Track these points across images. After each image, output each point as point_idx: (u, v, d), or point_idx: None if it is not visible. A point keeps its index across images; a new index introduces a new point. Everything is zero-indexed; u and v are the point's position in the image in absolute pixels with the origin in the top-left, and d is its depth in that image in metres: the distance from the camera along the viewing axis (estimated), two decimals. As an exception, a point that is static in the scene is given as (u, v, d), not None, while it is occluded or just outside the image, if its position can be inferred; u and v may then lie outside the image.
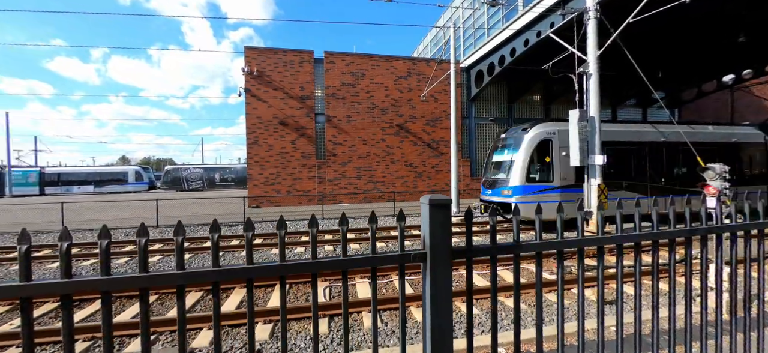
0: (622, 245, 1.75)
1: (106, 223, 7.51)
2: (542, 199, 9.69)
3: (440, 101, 18.17)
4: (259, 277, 1.66)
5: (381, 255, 1.42)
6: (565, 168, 9.90)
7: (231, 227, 11.58)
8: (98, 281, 1.12)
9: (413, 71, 18.11)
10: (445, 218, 1.40)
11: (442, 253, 1.40)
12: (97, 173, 37.22)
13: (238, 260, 7.46)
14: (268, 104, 16.73)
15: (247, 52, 16.55)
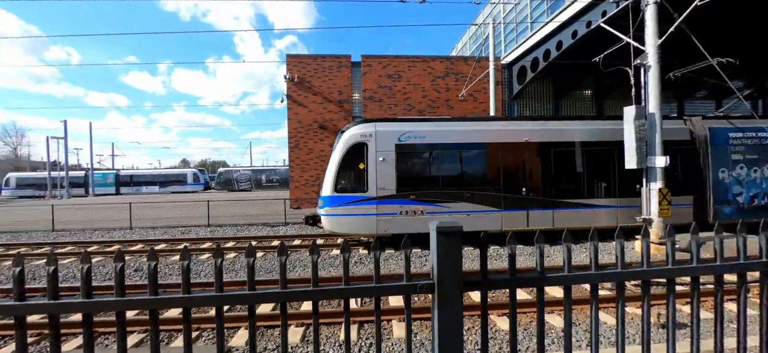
0: (696, 279, 1.49)
1: (168, 220, 8.25)
2: (353, 212, 8.54)
3: (480, 100, 17.53)
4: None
5: (384, 285, 1.34)
6: (384, 177, 8.55)
7: (272, 227, 12.17)
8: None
9: (451, 71, 17.67)
10: (455, 247, 1.29)
11: (452, 286, 1.29)
12: (162, 175, 41.51)
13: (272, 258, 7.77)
14: (308, 108, 17.33)
15: (288, 60, 17.30)
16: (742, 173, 9.36)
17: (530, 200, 9.02)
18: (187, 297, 1.22)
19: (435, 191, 8.85)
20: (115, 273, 1.21)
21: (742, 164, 9.35)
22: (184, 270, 1.22)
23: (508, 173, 9.06)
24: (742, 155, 9.36)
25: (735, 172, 9.29)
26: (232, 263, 7.61)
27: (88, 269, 1.19)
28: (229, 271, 7.10)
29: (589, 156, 9.21)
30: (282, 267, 1.31)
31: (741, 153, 9.36)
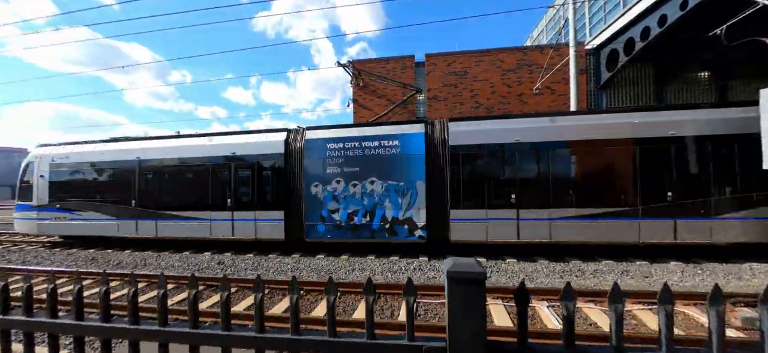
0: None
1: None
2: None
3: (558, 92, 15.67)
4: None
5: (379, 344, 1.09)
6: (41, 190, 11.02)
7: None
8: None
9: (523, 62, 16.16)
10: (477, 300, 0.98)
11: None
12: None
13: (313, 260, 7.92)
14: (373, 111, 17.62)
15: (354, 66, 17.85)
16: (339, 188, 8.67)
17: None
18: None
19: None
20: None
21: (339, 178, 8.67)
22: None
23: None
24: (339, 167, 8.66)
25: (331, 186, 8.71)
26: (297, 262, 8.02)
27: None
28: (296, 269, 7.49)
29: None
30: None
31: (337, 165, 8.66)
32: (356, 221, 8.66)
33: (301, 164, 9.03)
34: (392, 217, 8.41)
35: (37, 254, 9.62)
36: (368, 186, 8.55)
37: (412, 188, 8.30)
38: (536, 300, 5.13)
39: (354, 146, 8.69)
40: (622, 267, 6.95)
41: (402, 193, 8.37)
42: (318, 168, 8.88)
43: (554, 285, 6.06)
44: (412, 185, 8.30)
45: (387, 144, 8.48)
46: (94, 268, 8.02)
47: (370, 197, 8.56)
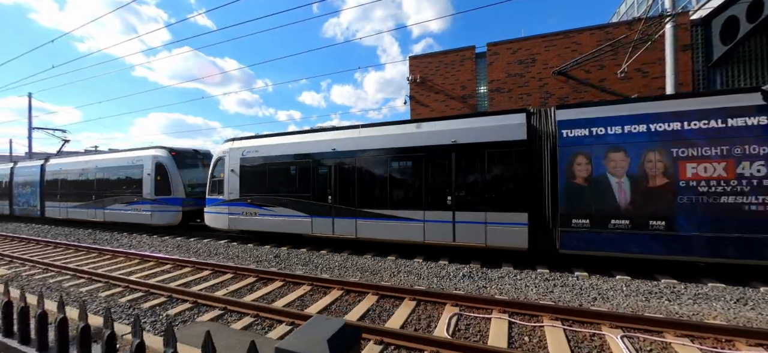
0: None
1: None
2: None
3: (653, 74, 13.14)
4: None
5: None
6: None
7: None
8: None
9: (606, 42, 13.93)
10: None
11: None
12: None
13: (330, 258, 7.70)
14: (430, 107, 17.04)
15: (411, 62, 17.48)
16: None
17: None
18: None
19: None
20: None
21: None
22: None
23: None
24: None
25: None
26: (345, 260, 8.04)
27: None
28: (344, 267, 7.50)
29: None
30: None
31: None
32: None
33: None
34: None
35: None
36: None
37: None
38: (608, 328, 4.21)
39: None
40: (738, 293, 5.39)
41: None
42: None
43: (635, 308, 4.96)
44: None
45: None
46: (180, 255, 9.14)
47: None
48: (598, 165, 6.65)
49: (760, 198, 5.64)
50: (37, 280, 7.06)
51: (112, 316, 5.05)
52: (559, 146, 6.93)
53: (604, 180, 6.61)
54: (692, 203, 6.03)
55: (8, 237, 12.57)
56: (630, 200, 6.41)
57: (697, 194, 6.01)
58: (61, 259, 8.90)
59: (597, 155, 6.67)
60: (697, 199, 6.01)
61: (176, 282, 6.63)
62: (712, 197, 5.93)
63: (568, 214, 6.80)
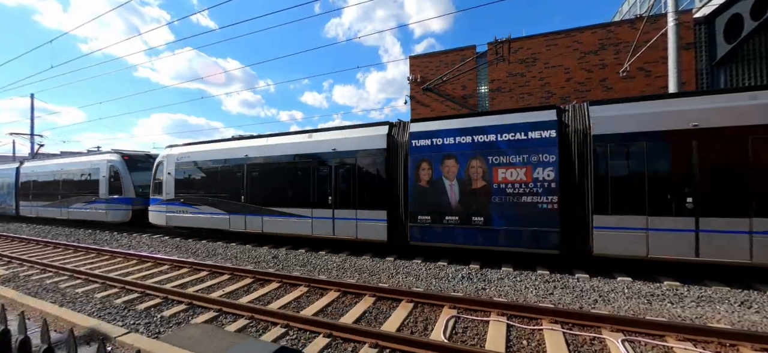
0: None
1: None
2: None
3: (656, 73, 13.00)
4: None
5: None
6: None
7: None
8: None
9: (608, 41, 13.80)
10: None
11: None
12: None
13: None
14: (431, 108, 16.95)
15: (411, 62, 17.39)
16: None
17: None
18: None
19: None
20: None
21: None
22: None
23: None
24: None
25: None
26: (343, 261, 7.97)
27: None
28: (342, 268, 7.43)
29: None
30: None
31: None
32: None
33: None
34: None
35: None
36: None
37: None
38: (608, 331, 4.12)
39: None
40: (742, 295, 5.28)
41: None
42: None
43: (637, 311, 4.86)
44: None
45: None
46: (178, 255, 9.10)
47: None
48: (437, 170, 7.89)
49: (549, 198, 6.85)
50: (35, 281, 7.04)
51: (106, 317, 5.00)
52: (410, 154, 8.17)
53: (441, 183, 7.86)
54: (502, 202, 7.28)
55: (9, 237, 12.60)
56: (458, 199, 7.67)
57: (505, 194, 7.25)
58: (59, 259, 8.89)
59: (436, 162, 7.91)
60: (505, 199, 7.26)
61: (173, 283, 6.58)
62: (516, 198, 7.16)
63: (415, 211, 8.06)
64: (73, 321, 4.78)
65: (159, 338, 4.32)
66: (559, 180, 6.84)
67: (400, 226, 8.33)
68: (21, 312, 1.41)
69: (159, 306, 5.47)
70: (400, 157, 8.35)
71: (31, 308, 5.40)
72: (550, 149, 6.92)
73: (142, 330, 4.62)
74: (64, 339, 4.32)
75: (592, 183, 6.62)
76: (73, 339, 1.13)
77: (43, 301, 5.69)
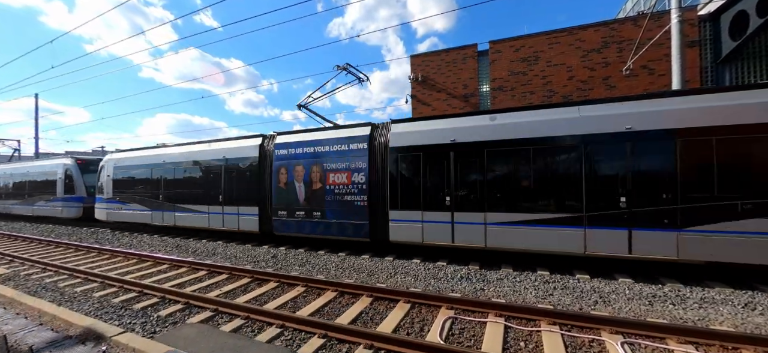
0: None
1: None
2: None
3: (659, 71, 12.84)
4: None
5: None
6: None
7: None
8: None
9: (611, 39, 13.65)
10: None
11: None
12: None
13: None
14: (432, 107, 16.87)
15: (412, 61, 17.32)
16: None
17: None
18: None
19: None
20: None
21: None
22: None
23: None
24: None
25: None
26: (342, 261, 7.94)
27: None
28: (341, 268, 7.40)
29: None
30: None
31: None
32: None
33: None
34: None
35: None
36: None
37: None
38: (607, 333, 4.05)
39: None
40: (746, 297, 5.18)
41: None
42: None
43: (638, 312, 4.78)
44: None
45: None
46: (178, 255, 9.11)
47: None
48: (290, 175, 9.70)
49: (362, 197, 8.59)
50: (35, 280, 7.07)
51: (103, 316, 5.00)
52: (274, 162, 10.00)
53: (293, 185, 9.66)
54: (332, 200, 9.03)
55: (12, 236, 12.69)
56: (304, 198, 9.46)
57: (334, 194, 8.99)
58: (59, 259, 8.93)
59: (290, 168, 9.70)
60: (334, 197, 9.00)
61: (171, 283, 6.58)
62: (341, 197, 8.90)
63: (276, 208, 9.90)
64: (70, 320, 4.79)
65: (154, 338, 4.30)
66: (369, 183, 8.55)
67: (267, 219, 10.11)
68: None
69: (156, 305, 5.46)
70: (268, 164, 10.17)
71: (30, 307, 5.42)
72: (363, 158, 8.66)
73: (138, 329, 4.61)
74: (60, 338, 4.33)
75: (389, 185, 8.30)
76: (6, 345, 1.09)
77: (42, 300, 5.71)
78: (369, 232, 8.46)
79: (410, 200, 8.04)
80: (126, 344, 4.01)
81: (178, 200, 12.07)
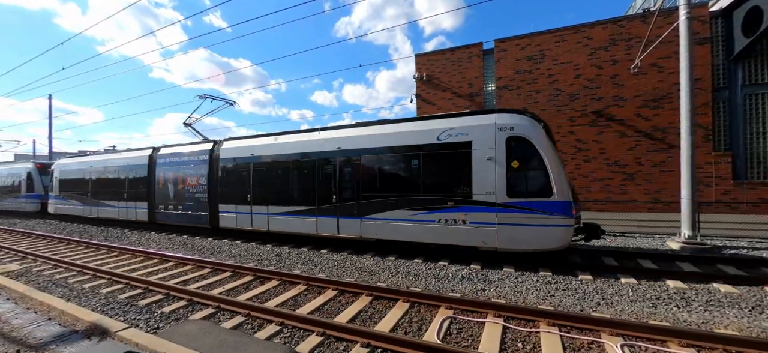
0: None
1: None
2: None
3: (668, 68, 12.60)
4: None
5: None
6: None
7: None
8: None
9: (619, 36, 13.44)
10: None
11: None
12: None
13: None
14: (437, 106, 16.82)
15: (417, 60, 17.29)
16: None
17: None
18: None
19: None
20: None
21: None
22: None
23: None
24: None
25: None
26: (344, 260, 7.98)
27: None
28: (343, 266, 7.44)
29: None
30: None
31: None
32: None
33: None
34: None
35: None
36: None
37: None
38: (607, 335, 4.00)
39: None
40: (754, 300, 5.06)
41: None
42: None
43: (641, 315, 4.71)
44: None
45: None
46: (183, 253, 9.26)
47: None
48: (166, 178, 12.98)
49: (205, 195, 11.65)
50: (46, 276, 7.27)
51: (109, 312, 5.12)
52: (156, 169, 13.33)
53: (166, 185, 12.92)
54: (189, 197, 12.16)
55: (25, 234, 13.06)
56: (173, 195, 12.69)
57: (190, 192, 12.13)
58: (70, 256, 9.16)
59: (166, 173, 12.97)
60: (190, 195, 12.12)
61: (176, 280, 6.70)
62: (193, 194, 12.05)
63: (158, 203, 13.20)
64: (77, 315, 4.91)
65: (157, 333, 4.39)
66: (209, 185, 11.61)
67: (153, 212, 13.39)
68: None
69: (160, 302, 5.57)
70: (152, 170, 13.49)
71: (40, 302, 5.58)
72: (205, 167, 11.74)
73: (142, 325, 4.71)
74: (67, 332, 4.45)
75: (218, 187, 11.44)
76: None
77: (52, 295, 5.86)
78: (209, 221, 11.52)
79: (229, 198, 11.16)
80: (129, 339, 4.10)
81: (99, 197, 15.74)
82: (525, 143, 6.82)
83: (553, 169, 6.63)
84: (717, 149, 12.35)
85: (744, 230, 9.81)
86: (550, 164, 6.63)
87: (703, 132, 12.15)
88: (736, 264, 6.91)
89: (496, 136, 7.02)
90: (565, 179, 6.71)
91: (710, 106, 12.19)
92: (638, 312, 4.79)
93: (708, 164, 12.20)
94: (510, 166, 6.90)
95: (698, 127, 11.84)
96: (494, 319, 4.52)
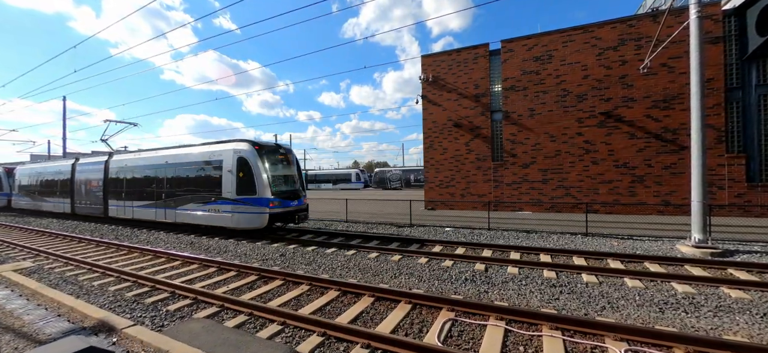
0: None
1: (318, 214, 9.50)
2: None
3: (679, 69, 12.35)
4: None
5: None
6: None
7: (398, 227, 12.32)
8: None
9: (628, 36, 13.22)
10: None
11: None
12: (334, 174, 51.32)
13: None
14: (443, 107, 16.77)
15: (423, 61, 17.27)
16: None
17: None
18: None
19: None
20: None
21: None
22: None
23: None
24: None
25: None
26: (348, 260, 8.00)
27: None
28: (346, 267, 7.47)
29: None
30: None
31: None
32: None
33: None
34: None
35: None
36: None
37: None
38: (612, 340, 3.94)
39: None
40: (766, 306, 4.92)
41: None
42: None
43: (647, 320, 4.62)
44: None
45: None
46: (190, 252, 9.39)
47: None
48: (81, 180, 17.25)
49: (101, 193, 15.81)
50: (57, 273, 7.45)
51: (116, 309, 5.22)
52: (76, 174, 17.70)
53: (81, 186, 17.32)
54: (93, 195, 16.41)
55: (40, 232, 13.39)
56: (84, 194, 17.05)
57: (92, 190, 16.44)
58: (81, 254, 9.36)
59: (80, 177, 17.43)
60: (94, 194, 16.33)
61: (182, 279, 6.80)
62: (96, 193, 16.23)
63: (76, 199, 17.57)
64: (85, 312, 5.02)
65: (162, 331, 4.46)
66: (104, 186, 15.73)
67: (73, 206, 17.78)
68: None
69: (166, 300, 5.66)
70: (74, 175, 17.91)
71: (50, 298, 5.71)
72: (101, 173, 15.92)
73: (147, 323, 4.79)
74: (75, 329, 4.55)
75: (108, 187, 15.53)
76: None
77: (62, 292, 6.00)
78: (103, 212, 15.73)
79: (114, 195, 15.26)
80: (135, 336, 4.18)
81: (43, 195, 20.48)
82: (246, 162, 10.55)
83: (257, 178, 10.38)
84: (730, 151, 12.05)
85: (758, 233, 9.54)
86: (256, 175, 10.38)
87: (715, 133, 11.88)
88: (748, 269, 6.73)
89: (234, 157, 10.80)
90: (267, 184, 10.38)
91: (723, 106, 11.91)
92: (645, 317, 4.70)
93: (721, 166, 11.92)
94: (238, 176, 10.67)
95: (711, 128, 11.58)
96: (496, 322, 4.48)
